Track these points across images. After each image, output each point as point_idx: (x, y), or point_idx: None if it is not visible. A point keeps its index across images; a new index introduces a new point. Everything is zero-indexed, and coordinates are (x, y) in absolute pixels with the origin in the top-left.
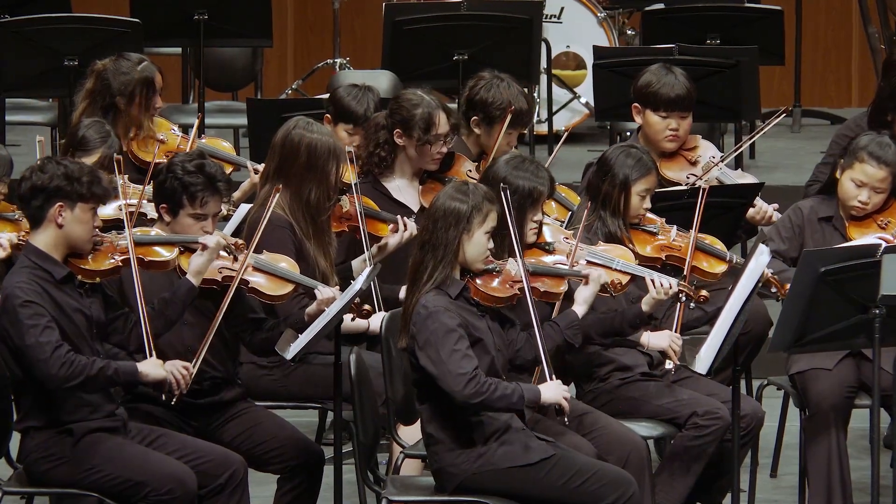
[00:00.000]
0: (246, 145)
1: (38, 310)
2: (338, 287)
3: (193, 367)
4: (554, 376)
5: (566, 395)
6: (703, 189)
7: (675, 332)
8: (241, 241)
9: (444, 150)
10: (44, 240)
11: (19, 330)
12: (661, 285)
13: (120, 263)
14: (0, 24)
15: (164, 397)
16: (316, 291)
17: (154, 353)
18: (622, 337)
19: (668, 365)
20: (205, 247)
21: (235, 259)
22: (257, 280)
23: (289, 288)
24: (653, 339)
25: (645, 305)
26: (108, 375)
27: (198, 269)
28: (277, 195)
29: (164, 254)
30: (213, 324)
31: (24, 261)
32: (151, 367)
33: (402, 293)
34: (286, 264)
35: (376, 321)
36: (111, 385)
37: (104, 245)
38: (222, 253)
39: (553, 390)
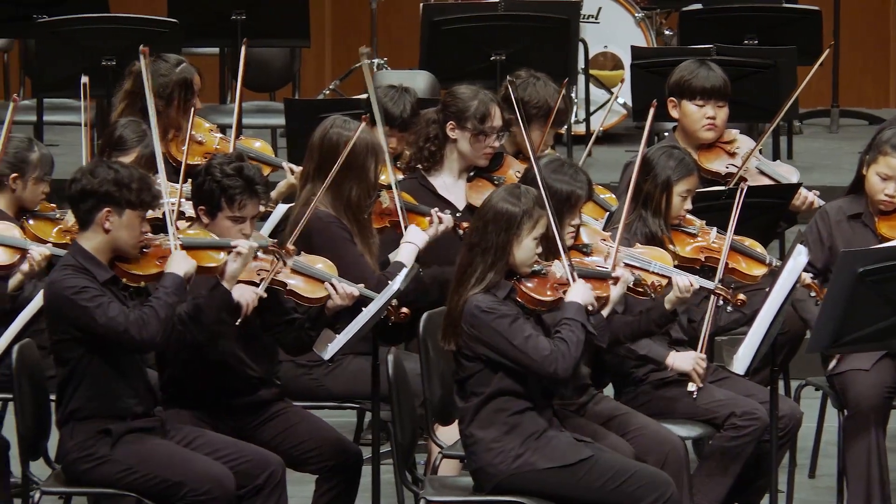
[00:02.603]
0: (284, 145)
1: (93, 292)
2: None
3: (259, 292)
4: (575, 275)
5: (594, 292)
6: (741, 189)
7: (701, 352)
8: (288, 246)
9: (497, 144)
10: (90, 242)
11: (87, 315)
12: (681, 283)
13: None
14: (37, 24)
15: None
16: (327, 286)
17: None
18: (650, 337)
19: (691, 387)
20: (238, 252)
21: (276, 260)
22: (294, 282)
23: (326, 290)
24: (677, 361)
25: (668, 304)
26: (171, 304)
27: (232, 274)
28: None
29: (213, 260)
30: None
31: (68, 259)
32: (184, 262)
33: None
34: (322, 265)
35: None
36: (174, 307)
37: (152, 248)
38: (261, 255)
39: (583, 292)
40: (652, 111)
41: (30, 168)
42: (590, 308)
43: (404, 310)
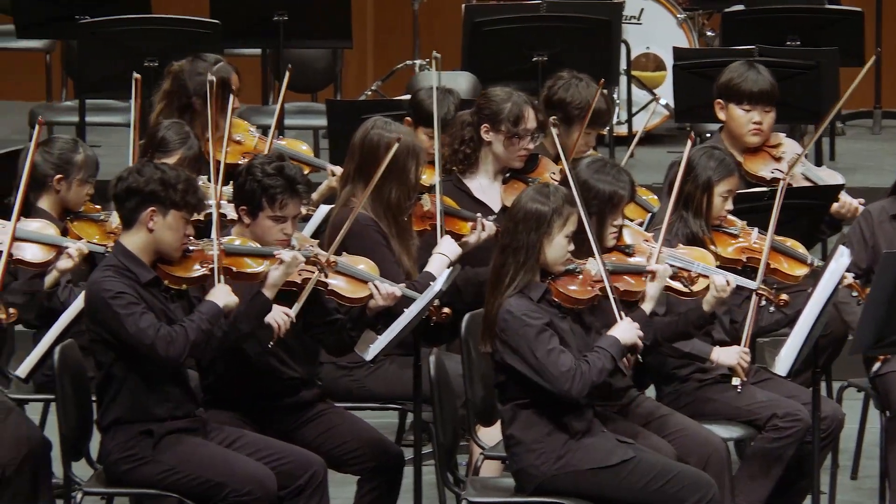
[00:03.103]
0: (326, 146)
1: (129, 298)
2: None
3: (291, 316)
4: (623, 314)
5: (640, 333)
6: (781, 186)
7: (745, 346)
8: (323, 254)
9: (531, 146)
10: (133, 242)
11: (118, 321)
12: (717, 282)
13: (208, 272)
14: (80, 26)
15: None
16: (371, 286)
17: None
18: (688, 339)
19: (736, 381)
20: (281, 261)
21: (319, 269)
22: (336, 283)
23: (368, 290)
24: (722, 356)
25: (706, 305)
26: (203, 330)
27: (274, 283)
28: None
29: (254, 266)
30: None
31: (111, 259)
32: (225, 296)
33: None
34: (364, 266)
35: None
36: (210, 335)
37: (195, 252)
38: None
39: (627, 330)
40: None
41: (74, 169)
42: (633, 347)
43: (445, 310)
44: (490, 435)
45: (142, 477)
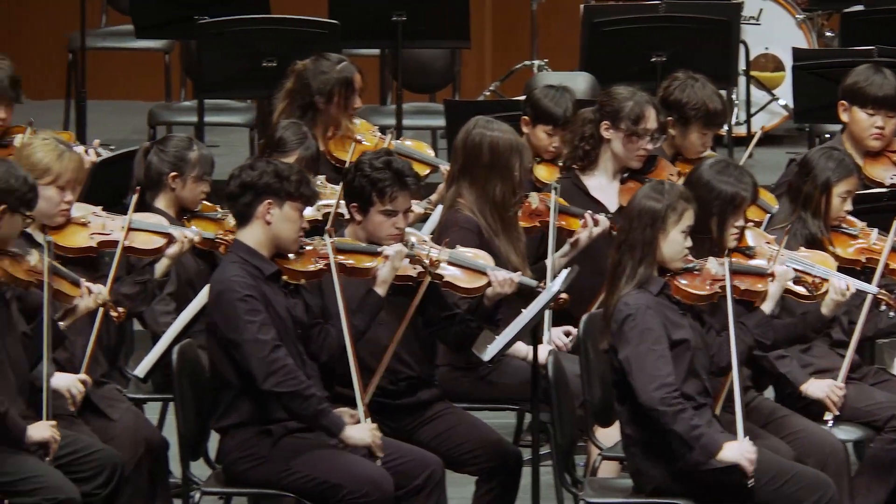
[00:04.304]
0: (444, 146)
1: (255, 305)
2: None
3: (383, 364)
4: (742, 432)
5: (750, 457)
6: None
7: (841, 381)
8: (430, 246)
9: (650, 146)
10: (252, 237)
11: (235, 324)
12: (837, 285)
13: (324, 267)
14: (199, 26)
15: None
16: (489, 273)
17: (353, 356)
18: (806, 343)
19: (827, 416)
20: (387, 256)
21: (429, 262)
22: (452, 272)
23: (484, 280)
24: (811, 388)
25: (825, 308)
26: (305, 397)
27: (384, 279)
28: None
29: (367, 262)
30: (405, 320)
31: (233, 256)
32: (357, 433)
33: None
34: (479, 256)
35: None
36: (306, 401)
37: (308, 250)
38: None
39: (736, 450)
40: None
41: (188, 167)
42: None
43: (563, 295)
44: (608, 435)
45: (260, 477)
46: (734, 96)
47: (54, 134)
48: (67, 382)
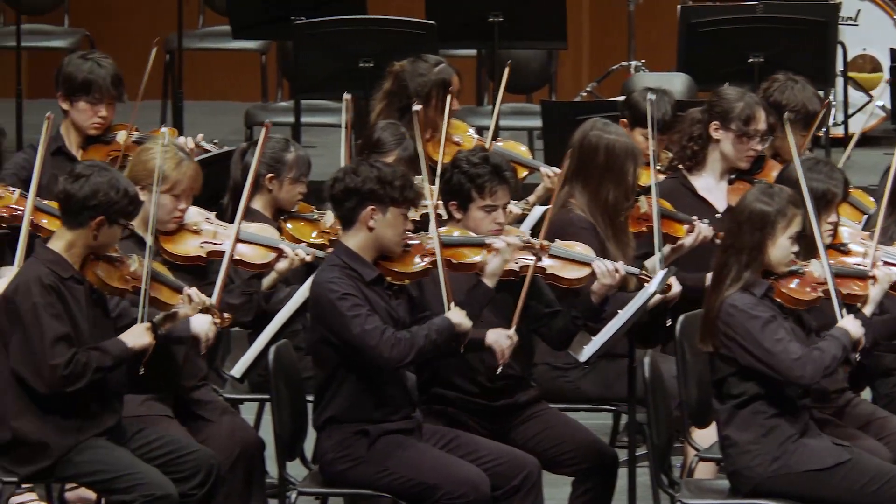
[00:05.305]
0: (540, 147)
1: (355, 300)
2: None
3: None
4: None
5: (863, 331)
6: None
7: None
8: (543, 242)
9: (759, 147)
10: (355, 241)
11: (343, 323)
12: None
13: (429, 266)
14: (296, 27)
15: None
16: (595, 264)
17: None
18: None
19: None
20: (497, 250)
21: (533, 253)
22: (554, 265)
23: (587, 270)
24: None
25: None
26: (432, 340)
27: (493, 271)
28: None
29: (472, 256)
30: (515, 316)
31: (333, 259)
32: (462, 318)
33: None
34: (581, 249)
35: None
36: (434, 348)
37: (413, 246)
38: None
39: (855, 324)
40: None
41: (285, 168)
42: (858, 345)
43: (671, 284)
44: (704, 436)
45: (357, 477)
46: (831, 97)
47: (174, 139)
48: (204, 327)
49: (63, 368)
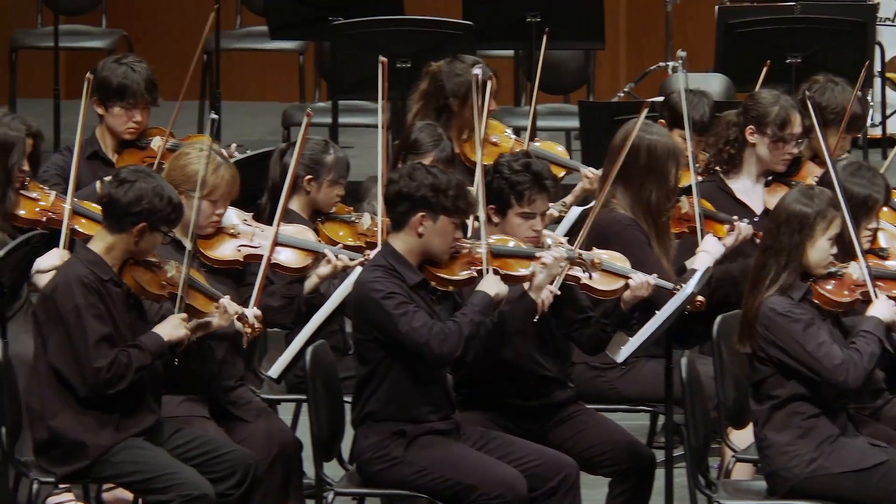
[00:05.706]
0: (578, 148)
1: (400, 298)
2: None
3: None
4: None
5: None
6: None
7: None
8: (586, 254)
9: (795, 151)
10: (403, 244)
11: (390, 321)
12: None
13: (475, 275)
14: (333, 27)
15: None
16: (631, 276)
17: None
18: None
19: None
20: (544, 263)
21: (583, 270)
22: (595, 277)
23: (622, 283)
24: None
25: None
26: (476, 322)
27: (539, 285)
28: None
29: (520, 269)
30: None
31: (379, 260)
32: (495, 284)
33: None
34: (616, 260)
35: None
36: (479, 326)
37: (463, 252)
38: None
39: (885, 308)
40: None
41: (324, 170)
42: (892, 328)
43: (700, 298)
44: (742, 437)
45: (394, 477)
46: (869, 98)
47: (215, 145)
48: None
49: (106, 371)
